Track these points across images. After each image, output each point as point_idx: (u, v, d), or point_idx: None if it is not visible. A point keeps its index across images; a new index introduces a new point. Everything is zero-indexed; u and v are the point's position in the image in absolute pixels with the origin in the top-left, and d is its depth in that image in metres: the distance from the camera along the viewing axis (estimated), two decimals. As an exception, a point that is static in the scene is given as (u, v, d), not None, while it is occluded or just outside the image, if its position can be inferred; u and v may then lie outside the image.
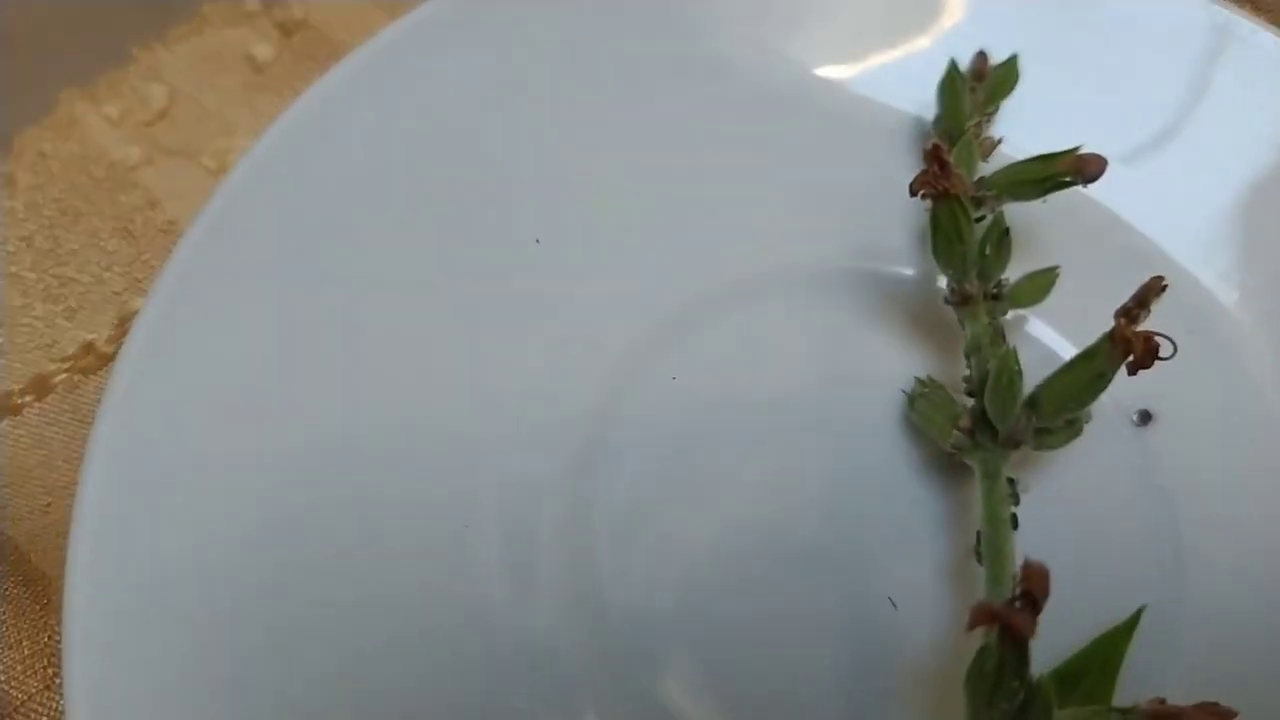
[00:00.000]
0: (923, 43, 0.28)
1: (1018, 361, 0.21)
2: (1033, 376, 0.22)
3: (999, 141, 0.26)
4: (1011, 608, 0.18)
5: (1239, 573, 0.23)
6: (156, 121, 0.32)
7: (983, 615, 0.18)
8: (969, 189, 0.23)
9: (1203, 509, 0.24)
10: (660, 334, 0.25)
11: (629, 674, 0.22)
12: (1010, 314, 0.25)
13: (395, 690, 0.21)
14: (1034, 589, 0.18)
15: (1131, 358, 0.20)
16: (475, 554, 0.23)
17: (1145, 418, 0.25)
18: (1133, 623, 0.21)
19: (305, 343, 0.23)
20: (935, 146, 0.21)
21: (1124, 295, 0.20)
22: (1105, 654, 0.21)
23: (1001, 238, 0.23)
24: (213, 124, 0.31)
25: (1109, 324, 0.20)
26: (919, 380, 0.24)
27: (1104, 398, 0.21)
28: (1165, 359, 0.20)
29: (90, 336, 0.28)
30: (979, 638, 0.18)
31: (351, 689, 0.21)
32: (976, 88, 0.26)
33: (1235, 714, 0.17)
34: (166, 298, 0.23)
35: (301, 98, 0.24)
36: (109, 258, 0.29)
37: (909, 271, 0.27)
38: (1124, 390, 0.22)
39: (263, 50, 0.32)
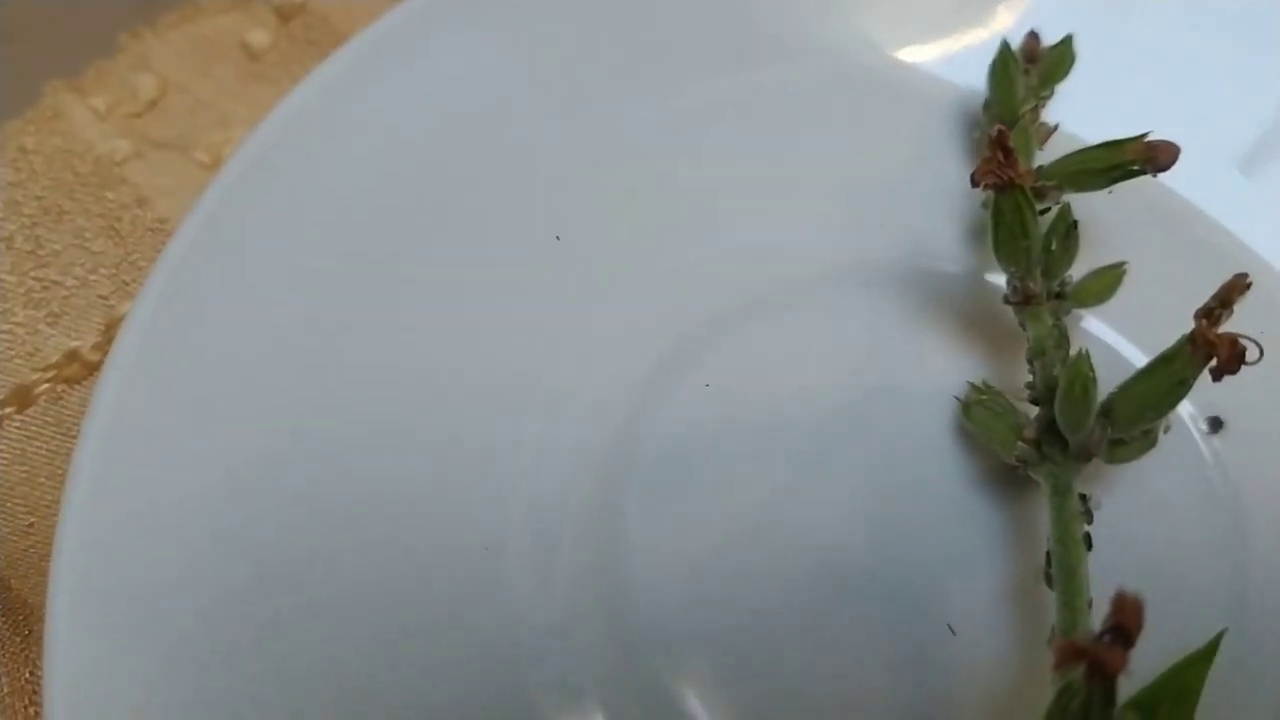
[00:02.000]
0: (970, 23, 0.26)
1: (1092, 367, 0.19)
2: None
3: (1055, 128, 0.24)
4: (1102, 644, 0.16)
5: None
6: (146, 113, 0.30)
7: (1071, 653, 0.16)
8: (1032, 179, 0.21)
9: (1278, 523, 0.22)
10: (693, 338, 0.24)
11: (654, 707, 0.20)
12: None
13: (404, 678, 0.20)
14: (1126, 621, 0.16)
15: (1215, 362, 0.18)
16: (500, 562, 0.21)
17: (1215, 425, 0.23)
18: (1212, 649, 0.20)
19: (309, 348, 0.22)
20: (1000, 132, 0.19)
21: (1189, 287, 0.19)
22: (1182, 684, 0.20)
23: (1069, 231, 0.21)
24: (206, 115, 0.29)
25: (1173, 321, 0.19)
26: (974, 386, 0.22)
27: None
28: (1252, 364, 0.18)
29: (75, 344, 0.26)
30: (1044, 667, 0.16)
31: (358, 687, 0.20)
32: (1030, 70, 0.24)
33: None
34: (156, 301, 0.21)
35: (299, 87, 0.23)
36: (94, 259, 0.27)
37: (955, 269, 0.25)
38: (1192, 394, 0.20)
39: (259, 37, 0.30)
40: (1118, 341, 0.24)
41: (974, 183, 0.20)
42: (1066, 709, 0.17)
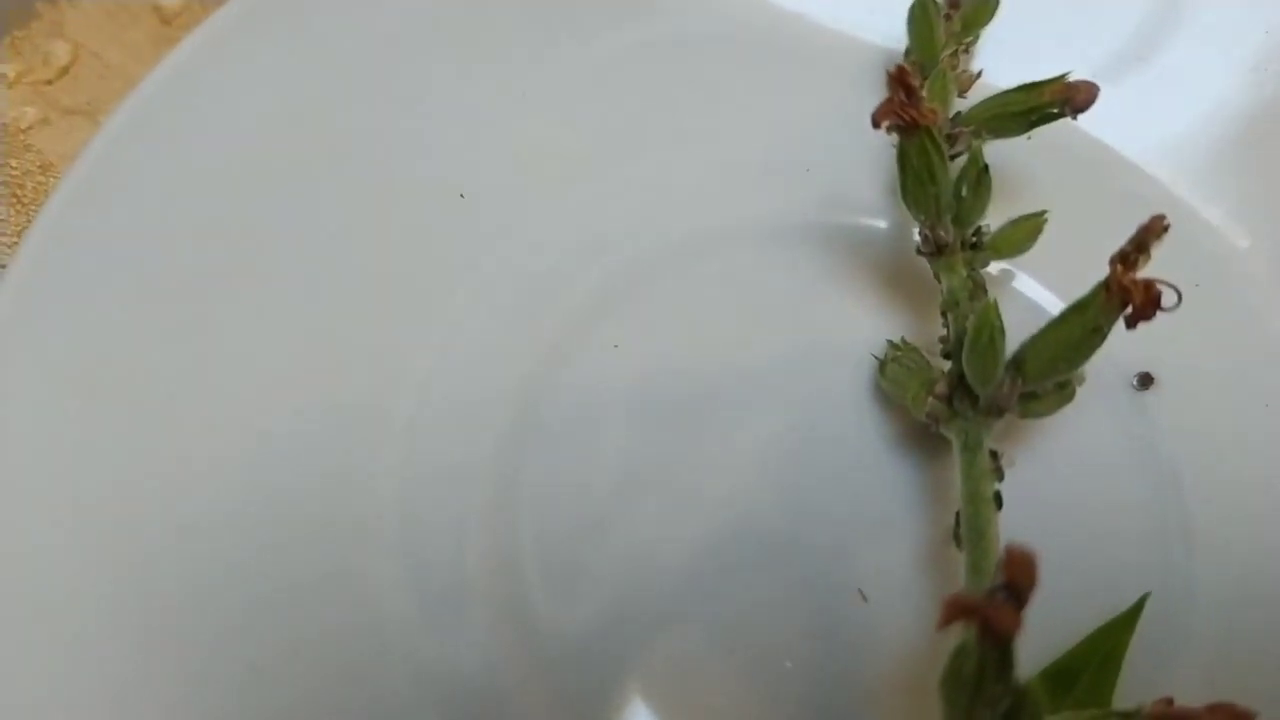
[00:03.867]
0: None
1: (1000, 316, 0.18)
2: (1021, 338, 0.19)
3: (978, 75, 0.23)
4: (992, 600, 0.15)
5: (1253, 553, 0.21)
6: (57, 80, 0.29)
7: (957, 610, 0.15)
8: (942, 122, 0.20)
9: (1212, 482, 0.21)
10: (601, 297, 0.23)
11: (572, 695, 0.20)
12: (996, 268, 0.23)
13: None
14: (1018, 578, 0.15)
15: (1130, 309, 0.17)
16: (380, 566, 0.20)
17: (1145, 381, 0.22)
18: (1135, 612, 0.20)
19: (188, 316, 0.21)
20: (900, 69, 0.18)
21: (1123, 242, 0.17)
22: (1105, 649, 0.19)
23: (980, 176, 0.20)
24: (116, 81, 0.29)
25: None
26: (891, 343, 0.22)
27: (1099, 358, 0.18)
28: (1168, 310, 0.17)
29: (-23, 314, 0.25)
30: (958, 635, 0.16)
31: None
32: (952, 15, 0.23)
33: (1254, 715, 0.14)
34: (27, 271, 0.20)
35: (181, 45, 0.22)
36: (-3, 227, 0.26)
37: (881, 224, 0.24)
38: (1121, 350, 0.19)
39: (171, 0, 0.30)
40: (1049, 299, 0.23)
41: (875, 123, 0.19)
42: (961, 671, 0.16)
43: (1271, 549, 0.21)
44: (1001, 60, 0.24)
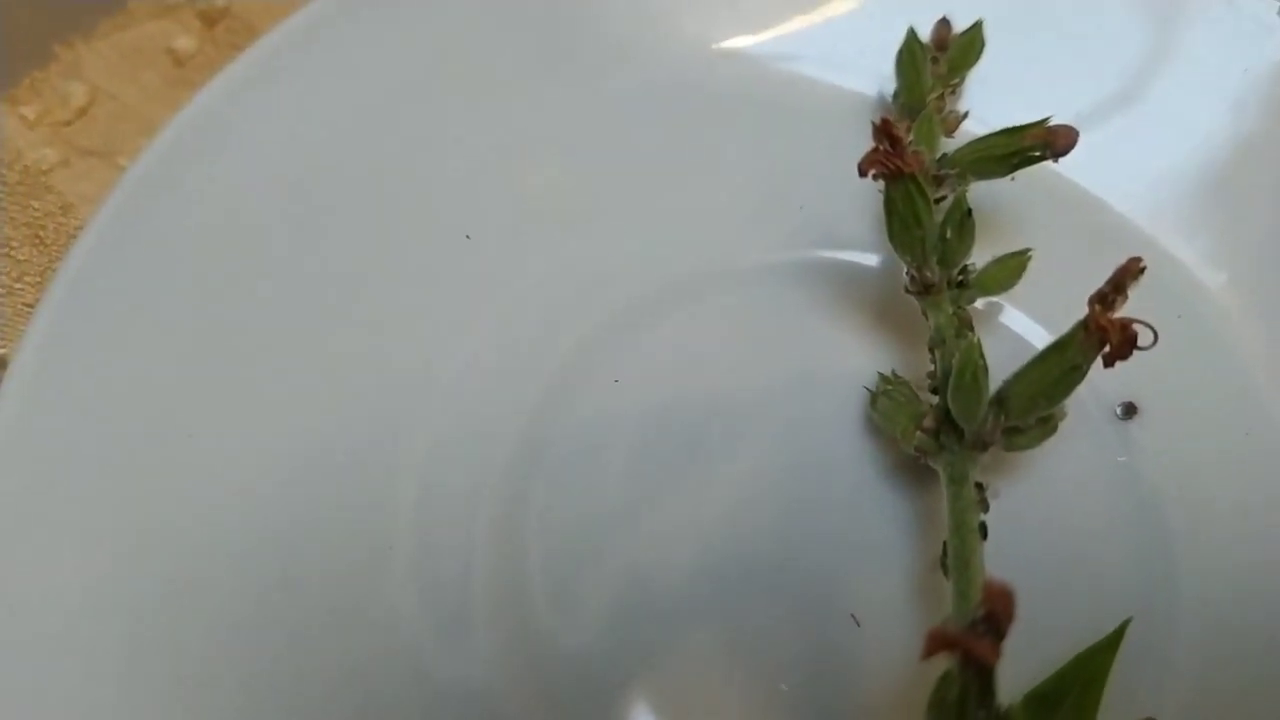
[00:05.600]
0: (880, 10, 0.26)
1: (982, 354, 0.19)
2: (1008, 371, 0.20)
3: (964, 115, 0.24)
4: (971, 633, 0.16)
5: (1235, 577, 0.22)
6: (75, 121, 0.30)
7: (939, 642, 0.16)
8: (927, 167, 0.21)
9: (1193, 508, 0.22)
10: (601, 333, 0.24)
11: (575, 715, 0.20)
12: (982, 303, 0.23)
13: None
14: (997, 611, 0.16)
15: (1107, 348, 0.18)
16: (393, 591, 0.21)
17: (1129, 410, 0.23)
18: (1117, 636, 0.20)
19: (209, 354, 0.22)
20: (884, 121, 0.19)
21: (1105, 280, 0.18)
22: (1088, 673, 0.20)
23: (963, 220, 0.21)
24: (132, 122, 0.29)
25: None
26: (882, 376, 0.22)
27: (1083, 389, 0.19)
28: (1144, 349, 0.18)
29: (1, 351, 0.26)
30: (947, 660, 0.16)
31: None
32: (939, 58, 0.24)
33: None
34: (56, 313, 0.21)
35: (201, 93, 0.23)
36: (20, 267, 0.27)
37: (872, 260, 0.25)
38: (1105, 381, 0.20)
39: (184, 43, 0.30)
40: (1035, 332, 0.24)
41: (861, 172, 0.20)
42: (945, 699, 0.16)
43: (1253, 575, 0.21)
44: (987, 100, 0.25)
